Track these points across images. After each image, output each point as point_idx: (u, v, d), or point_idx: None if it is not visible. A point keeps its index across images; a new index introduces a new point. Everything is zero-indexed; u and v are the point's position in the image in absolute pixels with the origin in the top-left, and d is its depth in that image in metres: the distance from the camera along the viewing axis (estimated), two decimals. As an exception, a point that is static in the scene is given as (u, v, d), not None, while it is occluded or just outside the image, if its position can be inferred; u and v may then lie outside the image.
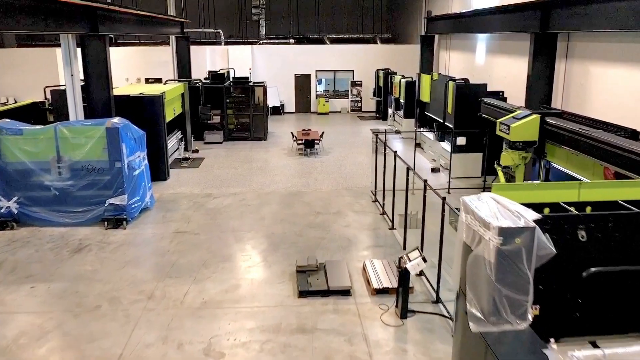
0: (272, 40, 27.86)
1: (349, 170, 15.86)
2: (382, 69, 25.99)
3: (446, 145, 15.92)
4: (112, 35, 22.06)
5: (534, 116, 10.34)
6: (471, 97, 14.44)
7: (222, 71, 24.04)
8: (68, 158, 10.78)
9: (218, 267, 9.06)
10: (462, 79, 16.23)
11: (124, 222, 10.87)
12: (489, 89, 15.32)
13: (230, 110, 20.61)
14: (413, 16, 28.10)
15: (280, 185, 14.27)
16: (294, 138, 18.43)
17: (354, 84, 27.32)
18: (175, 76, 22.39)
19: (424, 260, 7.24)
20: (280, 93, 27.09)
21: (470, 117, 14.29)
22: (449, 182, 13.93)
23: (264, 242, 10.21)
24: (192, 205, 12.42)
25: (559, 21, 11.94)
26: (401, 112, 21.25)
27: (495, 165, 11.33)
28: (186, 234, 10.62)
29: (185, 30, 24.02)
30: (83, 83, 12.53)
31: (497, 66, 17.71)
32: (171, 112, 15.93)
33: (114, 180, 10.77)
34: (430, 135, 17.40)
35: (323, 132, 18.58)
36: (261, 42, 27.49)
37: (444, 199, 7.42)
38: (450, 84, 15.54)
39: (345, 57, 27.13)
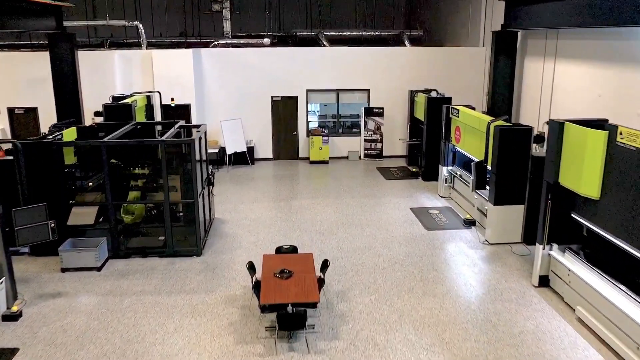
0: (236, 41, 17.10)
1: None
2: (423, 90, 15.22)
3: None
4: None
5: None
6: None
7: (135, 97, 13.18)
8: None
9: None
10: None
11: None
12: None
13: (133, 191, 9.79)
14: (460, 2, 17.43)
15: None
16: (255, 288, 7.46)
17: (371, 112, 16.55)
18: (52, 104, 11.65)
19: None
20: (246, 128, 16.27)
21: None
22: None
23: None
24: None
25: None
26: (469, 176, 10.47)
27: None
28: None
29: (66, 24, 13.24)
30: None
31: None
32: None
33: None
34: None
35: (327, 264, 7.68)
36: (218, 43, 16.69)
37: None
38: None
39: (355, 67, 16.36)
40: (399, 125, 16.78)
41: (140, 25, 15.29)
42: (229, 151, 15.36)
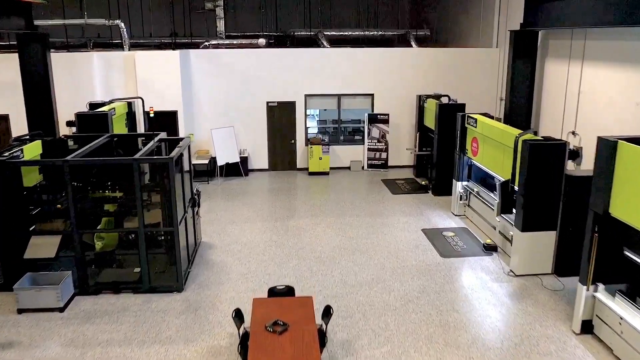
0: (229, 42, 15.80)
1: None
2: (432, 96, 13.91)
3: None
4: None
5: None
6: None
7: (115, 104, 11.87)
8: None
9: None
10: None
11: None
12: None
13: (105, 216, 8.46)
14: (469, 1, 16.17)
15: None
16: (242, 344, 6.10)
17: (375, 119, 15.24)
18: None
19: None
20: (240, 137, 14.95)
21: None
22: None
23: None
24: None
25: None
26: (487, 193, 9.12)
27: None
28: None
29: (39, 23, 11.96)
30: None
31: None
32: None
33: None
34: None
35: (329, 311, 6.35)
36: (209, 43, 15.39)
37: None
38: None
39: (357, 69, 15.04)
40: (406, 133, 15.47)
41: (122, 24, 13.95)
42: (220, 162, 14.04)
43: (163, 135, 9.55)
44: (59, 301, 7.57)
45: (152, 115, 11.60)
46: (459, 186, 11.37)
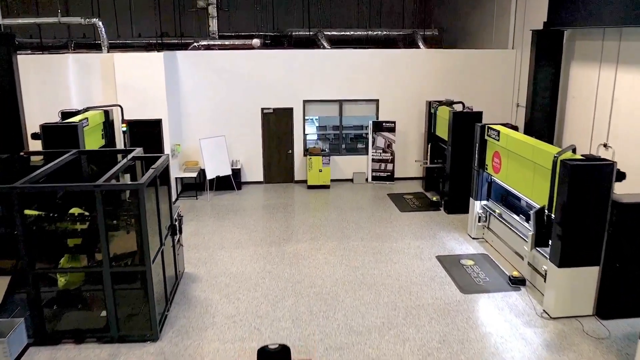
0: (220, 42, 14.48)
1: None
2: (444, 102, 12.59)
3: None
4: None
5: None
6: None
7: (90, 112, 10.57)
8: None
9: None
10: None
11: None
12: None
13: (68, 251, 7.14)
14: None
15: None
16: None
17: (380, 126, 13.94)
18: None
19: None
20: (232, 147, 13.65)
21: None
22: None
23: None
24: None
25: None
26: (510, 214, 7.79)
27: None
28: None
29: (8, 22, 10.71)
30: None
31: None
32: None
33: None
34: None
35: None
36: (199, 44, 14.08)
37: None
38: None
39: (361, 72, 13.74)
40: (414, 142, 14.17)
41: (100, 23, 12.61)
42: (209, 176, 12.73)
43: (139, 151, 8.23)
44: (6, 357, 6.26)
45: (124, 129, 10.22)
46: (477, 206, 10.07)
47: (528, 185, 8.23)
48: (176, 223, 8.18)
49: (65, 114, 10.65)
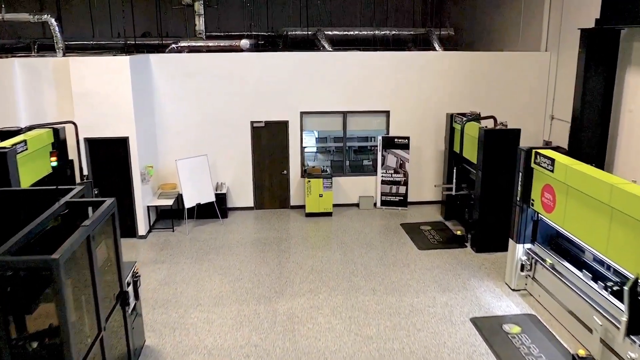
0: (203, 44, 12.40)
1: None
2: (469, 116, 10.45)
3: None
4: None
5: None
6: None
7: (33, 132, 8.48)
8: None
9: None
10: None
11: None
12: None
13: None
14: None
15: None
16: None
17: (391, 143, 11.85)
18: None
19: None
20: (216, 168, 11.56)
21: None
22: None
23: None
24: None
25: None
26: (563, 264, 5.64)
27: None
28: None
29: None
30: None
31: None
32: None
33: None
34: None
35: None
36: (177, 46, 11.99)
37: None
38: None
39: (368, 79, 11.65)
40: (430, 161, 12.09)
41: (53, 20, 10.49)
42: (187, 204, 10.63)
43: (75, 190, 6.09)
44: None
45: (53, 164, 8.05)
46: (519, 250, 7.99)
47: (599, 236, 6.15)
48: (129, 289, 6.08)
49: (4, 133, 8.55)
